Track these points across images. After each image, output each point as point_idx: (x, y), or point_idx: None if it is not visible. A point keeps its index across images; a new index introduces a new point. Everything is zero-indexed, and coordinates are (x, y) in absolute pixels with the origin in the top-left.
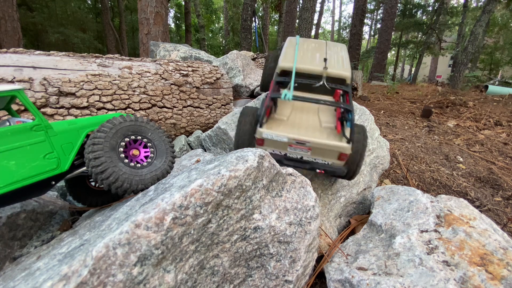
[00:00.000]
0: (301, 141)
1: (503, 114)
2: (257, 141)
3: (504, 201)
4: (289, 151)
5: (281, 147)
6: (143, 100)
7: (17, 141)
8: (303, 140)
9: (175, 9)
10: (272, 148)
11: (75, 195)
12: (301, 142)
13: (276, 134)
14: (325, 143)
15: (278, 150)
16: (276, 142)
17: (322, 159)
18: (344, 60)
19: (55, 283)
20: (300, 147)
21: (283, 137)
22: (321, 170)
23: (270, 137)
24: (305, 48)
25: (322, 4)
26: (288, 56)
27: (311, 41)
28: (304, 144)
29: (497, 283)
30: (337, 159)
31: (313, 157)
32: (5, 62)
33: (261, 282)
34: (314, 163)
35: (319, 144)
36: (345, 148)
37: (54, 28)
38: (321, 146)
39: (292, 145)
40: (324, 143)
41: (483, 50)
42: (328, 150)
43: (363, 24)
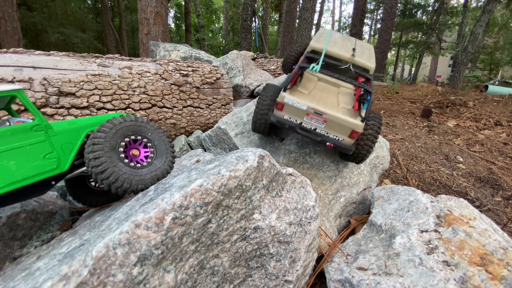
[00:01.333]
0: (319, 112)
1: (503, 114)
2: (277, 105)
3: (504, 201)
4: (305, 121)
5: (298, 115)
6: (143, 100)
7: (17, 141)
8: (321, 111)
9: (175, 9)
10: (290, 115)
11: (75, 195)
12: (319, 112)
13: (297, 101)
14: (341, 117)
15: (294, 118)
16: (295, 109)
17: (334, 134)
18: (370, 54)
19: (55, 283)
20: (316, 117)
21: (303, 105)
22: (330, 143)
23: (290, 103)
24: (336, 38)
25: (322, 4)
26: (320, 40)
27: (342, 35)
28: (321, 115)
29: (497, 283)
30: (348, 136)
31: (326, 130)
32: (5, 62)
33: (261, 282)
34: (325, 136)
35: (335, 118)
36: (358, 125)
37: (54, 28)
38: (336, 119)
39: (309, 114)
40: (340, 117)
41: (483, 50)
42: (342, 125)
43: (363, 24)
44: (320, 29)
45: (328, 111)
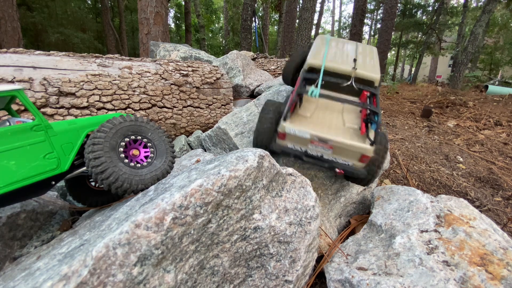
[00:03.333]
0: (323, 139)
1: (503, 114)
2: (279, 135)
3: (504, 201)
4: (310, 148)
5: (302, 143)
6: (143, 100)
7: (17, 141)
8: (326, 139)
9: (175, 9)
10: (293, 144)
11: (75, 195)
12: (323, 140)
13: (299, 130)
14: (348, 143)
15: (299, 146)
16: (298, 138)
17: (343, 159)
18: (374, 62)
19: (55, 283)
20: (321, 144)
21: (305, 133)
22: (340, 170)
23: (292, 132)
24: (335, 48)
25: (322, 4)
26: (317, 53)
27: (341, 41)
28: (326, 142)
29: (497, 283)
30: (358, 160)
31: (334, 156)
32: (5, 62)
33: (261, 282)
34: (334, 162)
35: (341, 144)
36: (368, 150)
37: (54, 28)
38: (343, 145)
39: (313, 142)
40: (347, 143)
41: (483, 50)
42: (350, 150)
43: (363, 24)
44: (317, 38)
45: (334, 137)
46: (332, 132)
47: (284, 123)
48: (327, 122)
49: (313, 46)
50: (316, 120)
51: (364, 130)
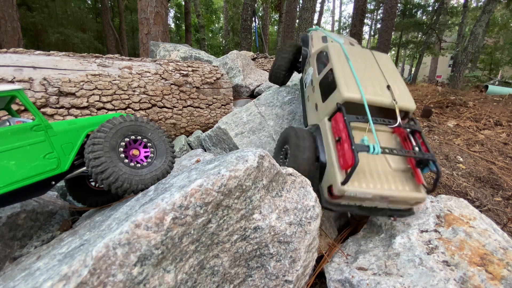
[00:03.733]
0: (386, 197)
1: (503, 114)
2: (332, 195)
3: (504, 201)
4: (366, 203)
5: (358, 200)
6: (143, 100)
7: (17, 141)
8: (388, 196)
9: (175, 9)
10: (348, 201)
11: (75, 195)
12: (385, 197)
13: (361, 191)
14: (410, 196)
15: (354, 202)
16: (355, 197)
17: (397, 206)
18: (400, 81)
19: (55, 283)
20: (381, 201)
21: (367, 194)
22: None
23: (353, 194)
24: (359, 67)
25: (322, 4)
26: (348, 79)
27: (357, 52)
28: (387, 198)
29: (497, 283)
30: (411, 205)
31: (389, 205)
32: (5, 62)
33: (261, 282)
34: (387, 210)
35: (403, 198)
36: (423, 198)
37: (54, 28)
38: (403, 199)
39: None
40: (409, 196)
41: (483, 50)
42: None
43: (363, 24)
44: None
45: (395, 193)
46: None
47: (344, 187)
48: (373, 167)
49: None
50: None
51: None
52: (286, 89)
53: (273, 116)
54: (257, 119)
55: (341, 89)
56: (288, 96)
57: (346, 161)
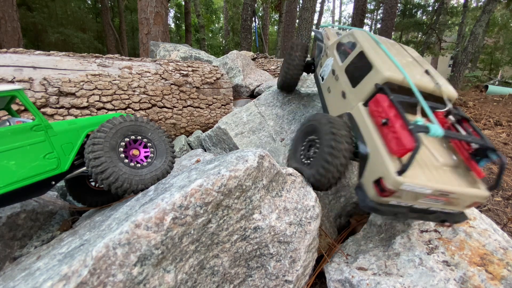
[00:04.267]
0: (447, 192)
1: (503, 114)
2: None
3: (504, 201)
4: (419, 202)
5: (412, 199)
6: (143, 100)
7: (17, 141)
8: (450, 192)
9: (175, 9)
10: (399, 200)
11: (75, 195)
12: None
13: (420, 185)
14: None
15: (405, 202)
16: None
17: (451, 208)
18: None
19: (55, 283)
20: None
21: (426, 189)
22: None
23: (410, 189)
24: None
25: (322, 4)
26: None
27: (384, 39)
28: (448, 195)
29: (497, 283)
30: (467, 207)
31: (443, 207)
32: (5, 62)
33: (261, 282)
34: (440, 213)
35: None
36: (484, 196)
37: (54, 28)
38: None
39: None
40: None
41: (483, 50)
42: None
43: (363, 24)
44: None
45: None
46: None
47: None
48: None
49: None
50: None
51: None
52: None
53: (273, 116)
54: (257, 119)
55: (380, 69)
56: (288, 96)
57: (403, 144)
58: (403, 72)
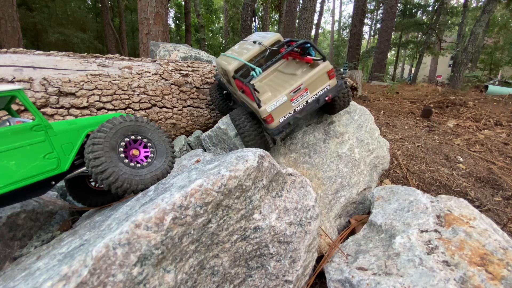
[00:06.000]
0: (297, 88)
1: (503, 114)
2: (267, 121)
3: (504, 201)
4: (295, 105)
5: (287, 109)
6: (143, 100)
7: (17, 141)
8: (297, 86)
9: (175, 9)
10: (282, 115)
11: (75, 195)
12: (297, 89)
13: (277, 100)
14: (311, 74)
15: (287, 113)
16: (281, 107)
17: (321, 88)
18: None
19: (55, 283)
20: (299, 94)
21: (283, 98)
22: (327, 96)
23: (274, 107)
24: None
25: (322, 4)
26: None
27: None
28: (300, 88)
29: (497, 283)
30: (329, 79)
31: (314, 93)
32: (5, 62)
33: (261, 282)
34: (318, 96)
35: (309, 78)
36: (327, 66)
37: (54, 28)
38: (312, 79)
39: (293, 98)
40: (310, 74)
41: (483, 50)
42: (318, 77)
43: (363, 24)
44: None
45: (300, 80)
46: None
47: (263, 107)
48: (283, 84)
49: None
50: (277, 90)
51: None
52: None
53: None
54: None
55: (229, 69)
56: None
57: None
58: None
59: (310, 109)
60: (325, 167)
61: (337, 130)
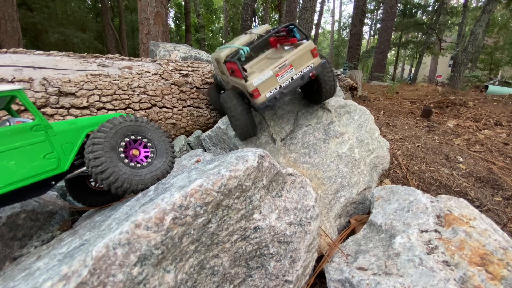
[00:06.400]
0: (282, 64)
1: (503, 114)
2: (254, 95)
3: (504, 201)
4: (281, 81)
5: (273, 84)
6: (143, 100)
7: (17, 141)
8: (282, 62)
9: (175, 9)
10: (269, 90)
11: (75, 195)
12: (283, 64)
13: (263, 75)
14: (296, 51)
15: (273, 88)
16: (267, 82)
17: (304, 66)
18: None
19: (55, 283)
20: (284, 70)
21: (269, 73)
22: (312, 73)
23: (260, 81)
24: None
25: (322, 4)
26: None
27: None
28: (285, 64)
29: (497, 283)
30: (313, 57)
31: (298, 70)
32: (5, 62)
33: (261, 282)
34: (302, 74)
35: (294, 55)
36: (310, 44)
37: (54, 28)
38: (296, 55)
39: (278, 74)
40: (296, 51)
41: (483, 50)
42: (302, 55)
43: (363, 24)
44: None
45: (286, 57)
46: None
47: (249, 81)
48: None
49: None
50: (263, 67)
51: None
52: None
53: (273, 116)
54: (256, 119)
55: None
56: (288, 96)
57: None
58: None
59: (295, 86)
60: (325, 167)
61: (337, 130)
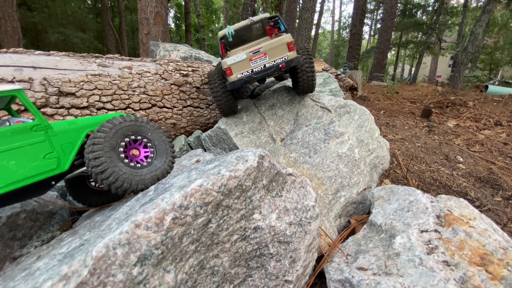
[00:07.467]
0: (256, 50)
1: (503, 114)
2: (226, 73)
3: (504, 201)
4: (253, 66)
5: (246, 67)
6: (143, 100)
7: (17, 141)
8: (257, 48)
9: (175, 9)
10: (240, 72)
11: (75, 195)
12: (256, 51)
13: (237, 56)
14: (273, 41)
15: (245, 71)
16: (239, 64)
17: (279, 57)
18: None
19: (55, 283)
20: (258, 56)
21: (242, 55)
22: (283, 65)
23: (233, 61)
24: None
25: (322, 4)
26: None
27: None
28: (259, 51)
29: (497, 283)
30: (288, 50)
31: (272, 59)
32: (5, 62)
33: (261, 282)
34: (275, 63)
35: (269, 45)
36: (288, 37)
37: (54, 28)
38: (272, 45)
39: (252, 59)
40: (272, 41)
41: (483, 50)
42: (277, 46)
43: (363, 24)
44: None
45: (261, 44)
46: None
47: (224, 59)
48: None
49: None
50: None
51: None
52: (286, 88)
53: (273, 116)
54: (257, 119)
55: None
56: (288, 96)
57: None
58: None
59: (266, 74)
60: (325, 167)
61: (337, 130)
